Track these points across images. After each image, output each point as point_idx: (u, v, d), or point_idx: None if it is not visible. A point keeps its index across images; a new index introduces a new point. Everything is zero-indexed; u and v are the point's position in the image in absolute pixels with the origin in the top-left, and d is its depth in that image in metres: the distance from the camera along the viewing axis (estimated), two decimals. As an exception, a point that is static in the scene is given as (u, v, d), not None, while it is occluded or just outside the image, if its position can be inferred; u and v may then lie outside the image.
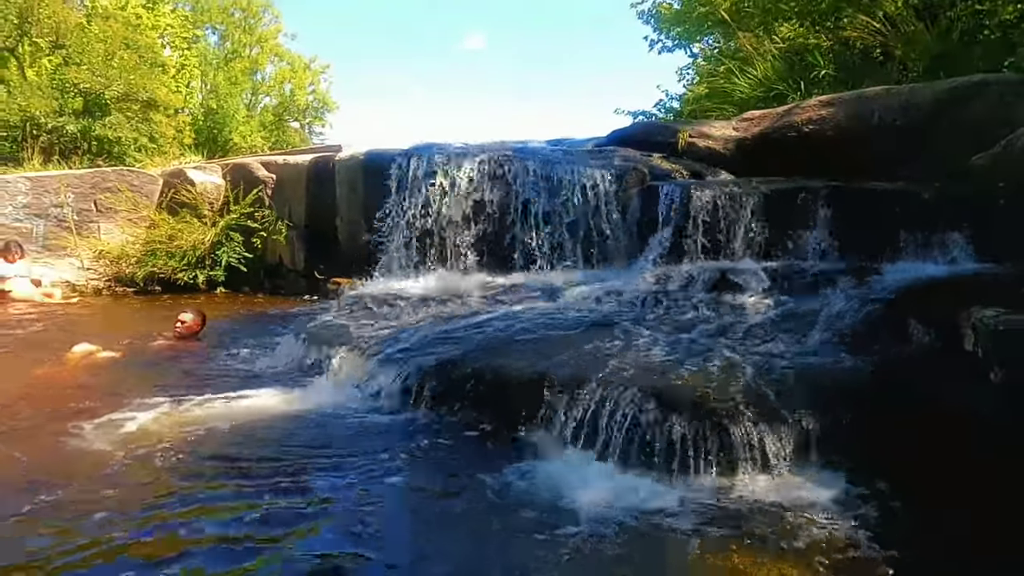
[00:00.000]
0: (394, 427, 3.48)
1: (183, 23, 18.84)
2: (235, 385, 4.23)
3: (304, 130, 29.55)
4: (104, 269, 9.47)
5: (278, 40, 26.41)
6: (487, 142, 7.04)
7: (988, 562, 2.29)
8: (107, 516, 2.49)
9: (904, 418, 2.80)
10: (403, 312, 4.97)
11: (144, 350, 5.39)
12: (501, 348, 3.85)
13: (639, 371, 3.25)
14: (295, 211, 9.60)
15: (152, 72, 14.26)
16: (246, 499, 2.67)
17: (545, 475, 2.84)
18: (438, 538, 2.48)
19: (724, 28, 13.59)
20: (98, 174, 9.95)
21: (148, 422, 3.51)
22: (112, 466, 2.96)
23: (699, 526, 2.44)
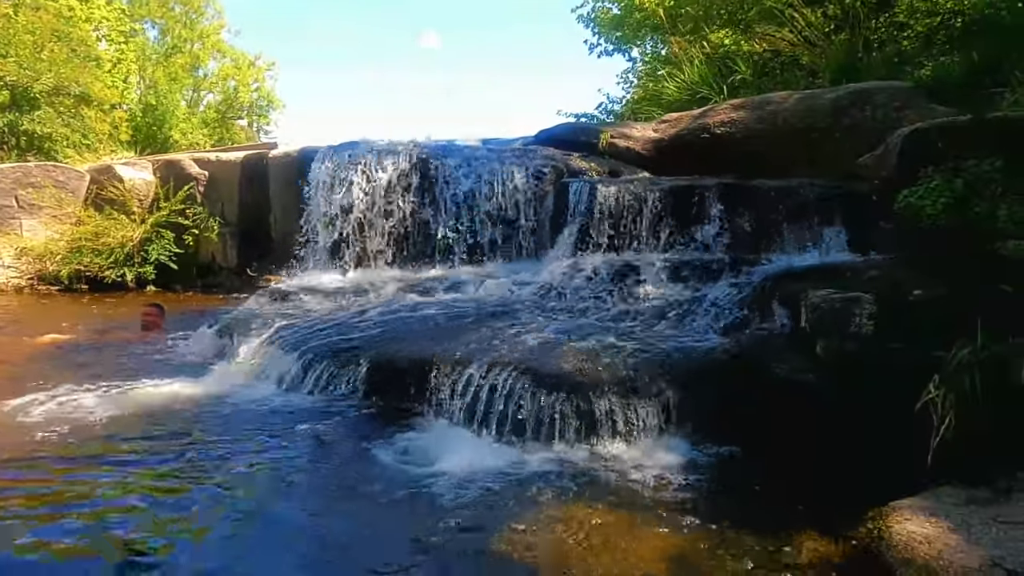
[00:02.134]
0: (290, 407, 3.65)
1: (119, 16, 18.37)
2: (151, 373, 4.37)
3: (251, 128, 29.12)
4: (26, 267, 9.27)
5: (221, 36, 25.90)
6: (413, 140, 7.18)
7: (805, 502, 2.58)
8: None
9: (747, 389, 3.09)
10: (314, 304, 5.09)
11: (96, 341, 5.52)
12: (399, 335, 4.03)
13: (521, 353, 3.47)
14: (228, 208, 9.57)
15: (85, 66, 13.90)
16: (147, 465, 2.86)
17: (426, 445, 3.07)
18: (318, 497, 2.66)
19: (660, 33, 14.04)
20: (20, 168, 9.73)
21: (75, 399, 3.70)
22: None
23: (554, 484, 2.71)
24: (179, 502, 2.59)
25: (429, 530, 2.36)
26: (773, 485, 2.78)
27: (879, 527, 1.95)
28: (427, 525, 2.40)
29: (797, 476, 2.80)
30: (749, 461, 2.94)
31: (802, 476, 2.79)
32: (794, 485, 2.75)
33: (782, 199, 5.14)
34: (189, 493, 2.66)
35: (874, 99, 6.46)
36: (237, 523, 2.44)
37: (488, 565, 2.15)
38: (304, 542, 2.33)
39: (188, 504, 2.56)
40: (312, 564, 2.19)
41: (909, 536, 1.87)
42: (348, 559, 2.19)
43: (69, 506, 2.52)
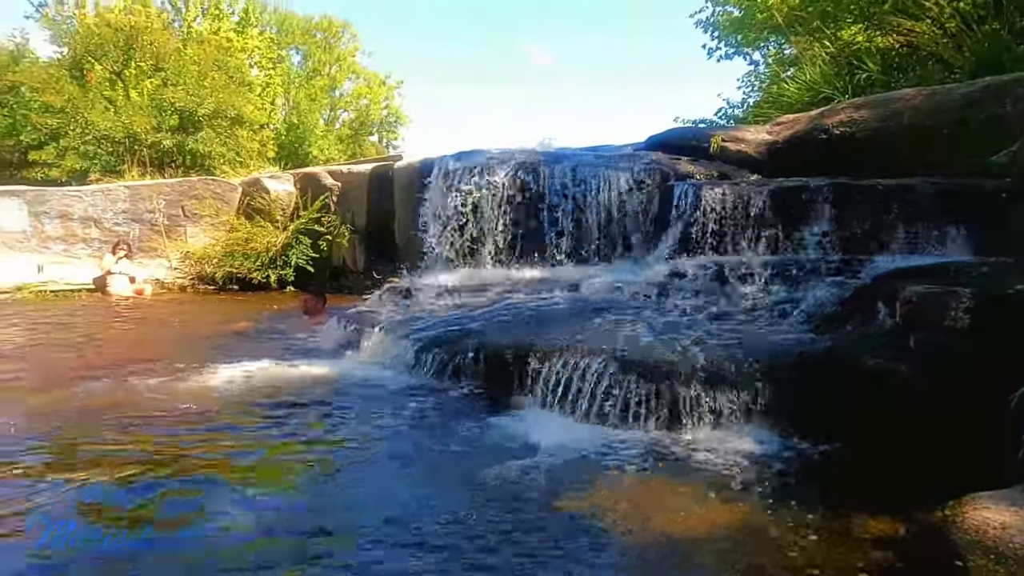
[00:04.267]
0: (404, 389, 4.07)
1: (269, 45, 20.39)
2: (288, 357, 5.00)
3: (380, 143, 31.09)
4: (188, 269, 10.55)
5: (356, 58, 27.95)
6: (523, 147, 7.54)
7: (883, 491, 2.61)
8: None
9: (836, 381, 3.09)
10: (430, 301, 5.52)
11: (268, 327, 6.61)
12: (504, 327, 4.33)
13: (615, 344, 3.66)
14: (357, 216, 10.40)
15: (240, 91, 15.57)
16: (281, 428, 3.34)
17: (521, 424, 3.35)
18: (422, 463, 3.01)
19: (782, 34, 13.61)
20: (185, 183, 11.11)
21: (230, 379, 4.37)
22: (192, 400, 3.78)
23: (636, 462, 2.89)
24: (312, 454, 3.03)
25: (517, 489, 2.63)
26: (853, 474, 2.80)
27: (953, 514, 1.96)
28: (515, 485, 2.66)
29: (879, 468, 2.81)
30: (832, 451, 2.97)
31: (884, 468, 2.79)
32: (875, 476, 2.76)
33: (898, 198, 4.96)
34: (319, 449, 3.10)
35: (1015, 92, 6.01)
36: (354, 471, 2.85)
37: (571, 520, 2.38)
38: (407, 491, 2.67)
39: (320, 457, 3.00)
40: (413, 508, 2.50)
41: (983, 521, 1.88)
42: (445, 509, 2.49)
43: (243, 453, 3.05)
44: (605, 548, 2.20)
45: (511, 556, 2.12)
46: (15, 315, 7.46)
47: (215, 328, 6.57)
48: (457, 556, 2.12)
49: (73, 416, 3.62)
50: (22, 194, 9.90)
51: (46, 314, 7.57)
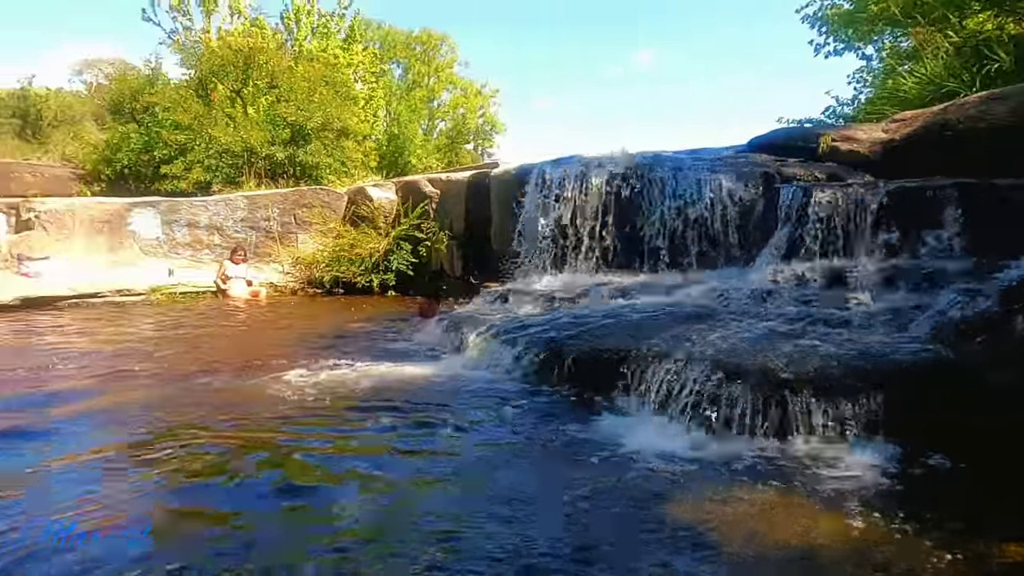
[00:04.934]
0: (504, 391, 4.12)
1: (372, 60, 21.28)
2: (392, 358, 5.18)
3: (476, 151, 31.77)
4: (299, 273, 11.17)
5: (453, 69, 28.74)
6: (621, 151, 7.47)
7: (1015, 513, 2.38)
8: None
9: (962, 397, 2.86)
10: (527, 305, 5.58)
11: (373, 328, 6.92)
12: (601, 332, 4.31)
13: (718, 350, 3.55)
14: (455, 222, 10.66)
15: (345, 104, 16.34)
16: (385, 426, 3.47)
17: (618, 428, 3.32)
18: (522, 467, 3.03)
19: (899, 26, 12.79)
20: (297, 192, 11.79)
21: (339, 377, 4.58)
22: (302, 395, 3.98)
23: (738, 470, 2.78)
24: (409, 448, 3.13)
25: (618, 495, 2.60)
26: (987, 495, 2.56)
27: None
28: (616, 491, 2.64)
29: (1010, 490, 2.56)
30: (954, 469, 2.74)
31: (1016, 490, 2.55)
32: (1005, 498, 2.53)
33: (1036, 198, 4.54)
34: (421, 449, 3.20)
35: None
36: (456, 471, 2.90)
37: (676, 531, 2.32)
38: (505, 488, 2.71)
39: (423, 456, 3.09)
40: (510, 499, 2.54)
41: None
42: (546, 512, 2.50)
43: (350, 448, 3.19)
44: (715, 563, 2.13)
45: (615, 566, 2.11)
46: (150, 315, 8.18)
47: (324, 329, 6.92)
48: (557, 561, 2.13)
49: (193, 408, 3.91)
50: (156, 204, 10.84)
51: (175, 314, 8.24)
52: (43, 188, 12.73)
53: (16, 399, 4.12)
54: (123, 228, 10.48)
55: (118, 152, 13.63)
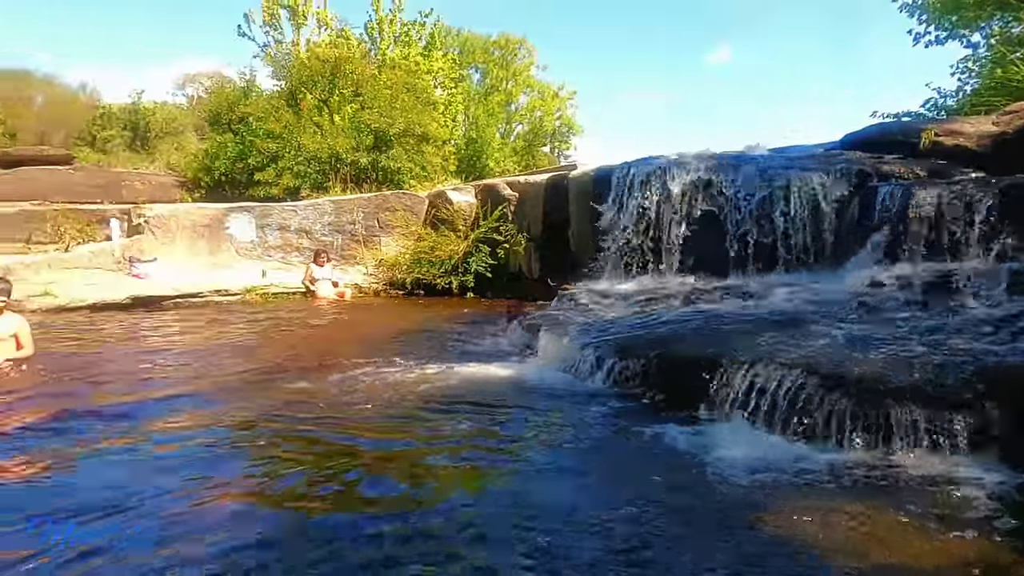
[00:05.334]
0: (582, 394, 4.10)
1: (452, 66, 21.64)
2: (474, 358, 5.26)
3: (553, 153, 31.78)
4: (381, 275, 11.48)
5: (531, 72, 28.87)
6: (704, 151, 7.29)
7: None
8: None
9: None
10: (607, 308, 5.52)
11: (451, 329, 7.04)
12: (685, 336, 4.21)
13: (813, 356, 3.39)
14: (533, 225, 10.68)
15: (426, 110, 16.71)
16: (466, 425, 3.50)
17: (707, 436, 3.22)
18: (604, 470, 3.00)
19: (1010, 10, 11.90)
20: (380, 197, 12.14)
21: (420, 376, 4.66)
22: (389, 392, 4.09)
23: (838, 483, 2.64)
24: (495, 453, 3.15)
25: (707, 504, 2.53)
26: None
27: None
28: (705, 500, 2.56)
29: None
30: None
31: None
32: None
33: None
34: (501, 449, 3.22)
35: None
36: (527, 472, 2.91)
37: (772, 544, 2.24)
38: (591, 499, 2.67)
39: (502, 456, 3.11)
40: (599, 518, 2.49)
41: None
42: (632, 518, 2.46)
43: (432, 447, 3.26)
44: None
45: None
46: (246, 314, 8.62)
47: (407, 329, 7.09)
48: (647, 570, 2.09)
49: (286, 402, 4.09)
50: (251, 209, 11.43)
51: (268, 313, 8.65)
52: (150, 195, 13.68)
53: (124, 392, 4.43)
54: (221, 232, 11.10)
55: (216, 160, 14.47)
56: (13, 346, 4.88)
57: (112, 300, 8.90)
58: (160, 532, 2.33)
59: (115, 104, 17.43)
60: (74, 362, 5.39)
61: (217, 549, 2.20)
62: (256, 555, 2.17)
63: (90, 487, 2.76)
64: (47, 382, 4.63)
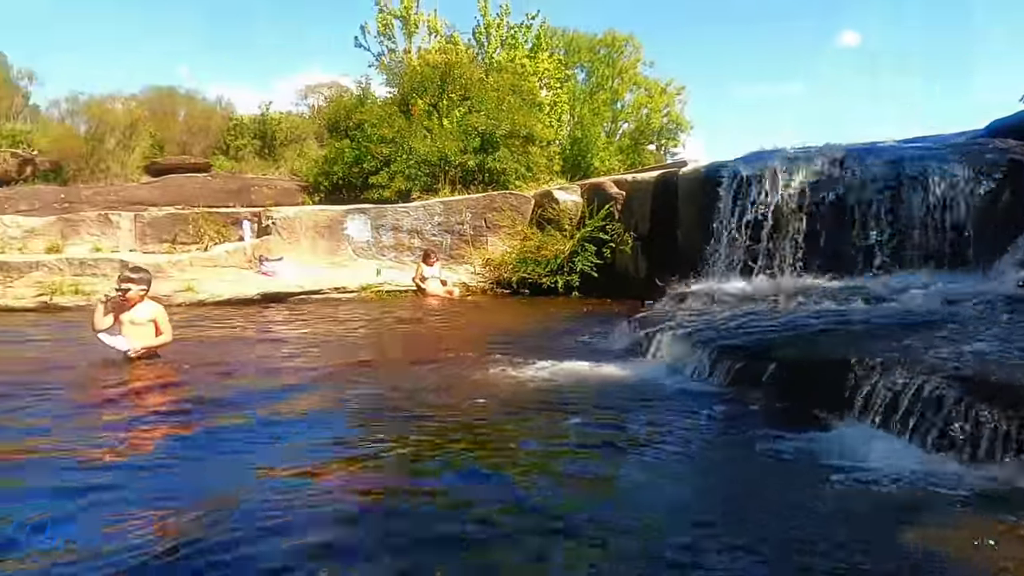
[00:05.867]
0: (697, 396, 3.96)
1: (557, 66, 21.69)
2: (582, 357, 5.23)
3: (659, 151, 31.13)
4: (488, 274, 11.69)
5: (637, 69, 28.41)
6: (827, 144, 6.88)
7: None
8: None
9: None
10: (720, 308, 5.33)
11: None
12: (809, 338, 3.99)
13: (955, 362, 3.12)
14: (640, 223, 10.52)
15: (531, 111, 16.85)
16: (579, 428, 3.49)
17: (834, 445, 3.02)
18: (724, 476, 2.90)
19: None
20: (488, 197, 12.38)
21: (528, 373, 4.72)
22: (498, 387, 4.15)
23: (991, 506, 2.38)
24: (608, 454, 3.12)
25: (833, 513, 2.39)
26: None
27: None
28: (831, 508, 2.42)
29: None
30: None
31: None
32: None
33: None
34: (615, 450, 3.18)
35: None
36: (645, 476, 2.84)
37: (903, 556, 2.08)
38: (712, 505, 2.58)
39: (616, 458, 3.07)
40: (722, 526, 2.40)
41: None
42: (753, 523, 2.36)
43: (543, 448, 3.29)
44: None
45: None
46: (362, 310, 9.06)
47: (515, 327, 7.21)
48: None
49: (401, 396, 4.23)
50: (367, 211, 11.99)
51: (382, 310, 9.05)
52: (276, 199, 14.65)
53: (252, 382, 4.77)
54: (339, 232, 11.72)
55: (334, 165, 15.27)
56: (152, 331, 5.15)
57: (244, 296, 9.62)
58: (276, 510, 2.47)
59: (246, 115, 18.84)
60: (212, 349, 5.89)
61: (322, 530, 2.31)
62: (358, 540, 2.27)
63: (211, 460, 3.01)
64: (186, 366, 5.04)
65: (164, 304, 8.88)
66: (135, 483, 2.74)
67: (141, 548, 2.15)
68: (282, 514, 2.41)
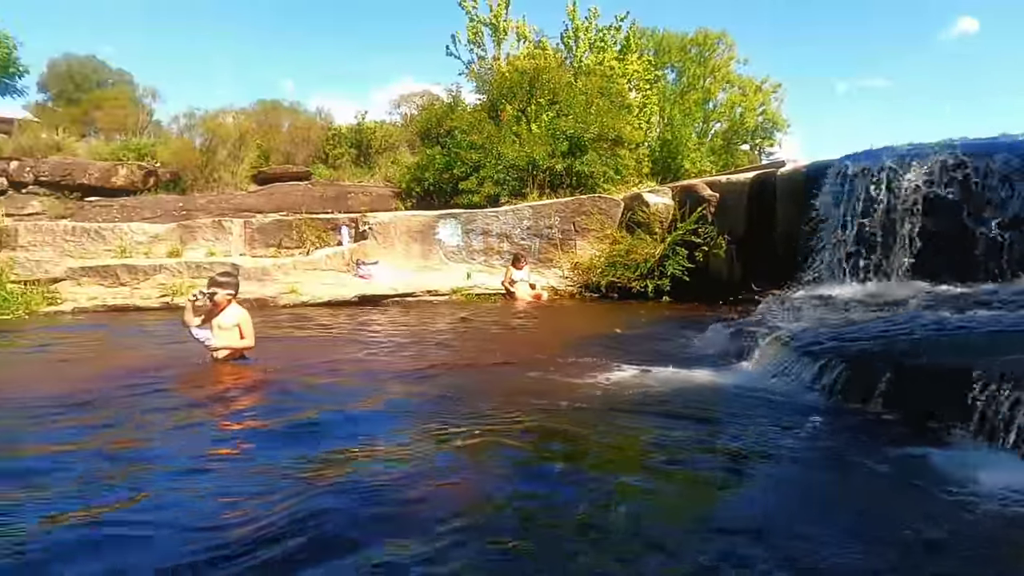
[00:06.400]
0: (803, 406, 3.78)
1: (647, 67, 21.37)
2: (677, 362, 5.12)
3: (753, 151, 30.01)
4: (577, 278, 11.66)
5: (730, 67, 27.54)
6: (946, 140, 6.41)
7: None
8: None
9: None
10: (827, 314, 5.08)
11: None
12: (927, 348, 3.73)
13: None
14: (735, 226, 10.20)
15: (619, 114, 16.68)
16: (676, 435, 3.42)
17: (954, 463, 2.81)
18: (837, 490, 2.75)
19: None
20: (577, 201, 12.35)
21: (620, 377, 4.68)
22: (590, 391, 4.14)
23: None
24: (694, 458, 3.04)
25: (963, 536, 2.23)
26: None
27: None
28: (961, 531, 2.25)
29: None
30: None
31: None
32: None
33: None
34: (705, 452, 3.10)
35: None
36: (752, 490, 2.73)
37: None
38: (823, 520, 2.45)
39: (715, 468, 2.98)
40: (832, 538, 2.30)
41: None
42: (876, 549, 2.23)
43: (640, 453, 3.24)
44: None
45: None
46: (453, 312, 9.25)
47: (605, 331, 7.14)
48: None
49: (491, 396, 4.29)
50: (458, 216, 12.25)
51: (473, 313, 9.20)
52: (371, 205, 15.21)
53: (349, 378, 4.96)
54: (431, 237, 12.03)
55: (425, 172, 15.68)
56: (237, 335, 5.25)
57: (343, 297, 10.05)
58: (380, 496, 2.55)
59: (344, 125, 19.67)
60: (315, 348, 6.19)
61: (422, 525, 2.37)
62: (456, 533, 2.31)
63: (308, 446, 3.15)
64: (279, 367, 5.24)
65: (270, 305, 9.42)
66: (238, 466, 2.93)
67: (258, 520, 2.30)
68: (376, 501, 2.50)
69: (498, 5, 19.87)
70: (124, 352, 6.32)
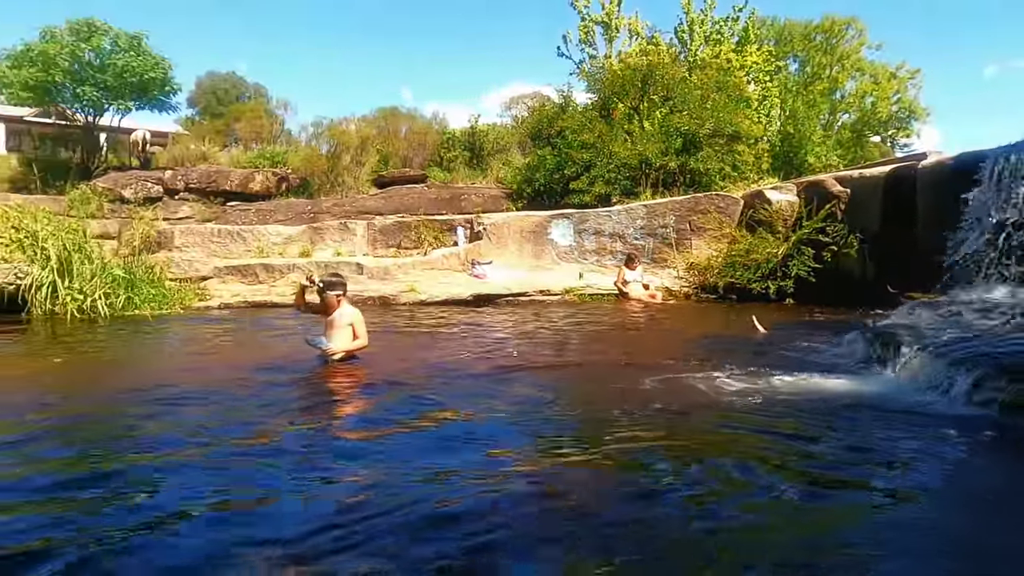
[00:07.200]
0: (957, 420, 3.46)
1: (767, 58, 20.40)
2: (808, 369, 4.85)
3: (885, 143, 27.85)
4: (692, 278, 11.34)
5: (860, 54, 25.74)
6: None
7: None
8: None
9: None
10: (978, 320, 4.63)
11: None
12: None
13: None
14: (868, 224, 9.54)
15: (737, 108, 16.04)
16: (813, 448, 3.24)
17: None
18: (999, 518, 2.51)
19: None
20: (692, 199, 12.02)
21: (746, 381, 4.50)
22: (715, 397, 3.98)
23: None
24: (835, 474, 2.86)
25: None
26: None
27: None
28: None
29: None
30: None
31: None
32: None
33: None
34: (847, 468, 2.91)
35: None
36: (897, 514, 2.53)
37: None
38: (986, 547, 2.26)
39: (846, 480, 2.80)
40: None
41: None
42: None
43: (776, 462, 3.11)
44: None
45: None
46: (567, 313, 9.27)
47: (722, 333, 6.93)
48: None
49: (608, 400, 4.23)
50: (570, 216, 12.27)
51: (587, 313, 9.18)
52: (483, 206, 15.52)
53: (470, 380, 5.07)
54: (543, 237, 12.12)
55: (536, 172, 15.79)
56: (350, 335, 5.23)
57: (458, 296, 10.34)
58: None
59: (457, 129, 20.24)
60: (432, 344, 6.40)
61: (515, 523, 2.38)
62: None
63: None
64: (403, 362, 5.42)
65: (391, 303, 9.85)
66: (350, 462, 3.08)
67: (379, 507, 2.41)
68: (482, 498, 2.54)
69: (611, 3, 19.69)
70: (259, 348, 6.81)
